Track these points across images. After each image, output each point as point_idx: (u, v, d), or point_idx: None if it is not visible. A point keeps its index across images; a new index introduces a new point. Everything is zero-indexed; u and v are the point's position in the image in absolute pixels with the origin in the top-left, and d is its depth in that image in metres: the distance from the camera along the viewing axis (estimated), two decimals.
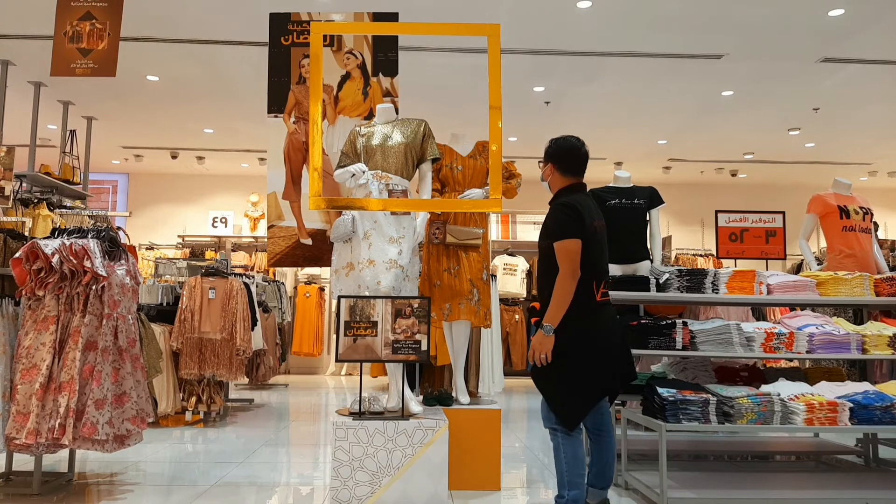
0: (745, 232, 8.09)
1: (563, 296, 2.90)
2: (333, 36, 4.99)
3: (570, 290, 2.90)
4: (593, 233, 3.00)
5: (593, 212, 3.07)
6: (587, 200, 3.08)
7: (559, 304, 2.91)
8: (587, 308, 2.96)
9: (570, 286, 2.90)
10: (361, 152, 3.98)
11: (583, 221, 2.95)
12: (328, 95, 4.89)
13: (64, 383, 3.38)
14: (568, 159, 3.15)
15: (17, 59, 6.49)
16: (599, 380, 2.98)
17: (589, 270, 2.97)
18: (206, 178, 11.78)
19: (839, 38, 6.28)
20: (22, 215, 5.57)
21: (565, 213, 2.98)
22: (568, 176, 3.15)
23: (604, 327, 3.00)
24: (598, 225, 3.07)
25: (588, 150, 3.20)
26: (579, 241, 2.92)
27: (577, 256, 2.91)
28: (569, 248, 2.92)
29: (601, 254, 3.06)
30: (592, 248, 2.99)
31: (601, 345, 2.97)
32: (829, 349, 3.92)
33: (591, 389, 2.97)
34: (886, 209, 11.98)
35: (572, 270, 2.90)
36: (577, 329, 2.93)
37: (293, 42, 5.08)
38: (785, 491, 3.62)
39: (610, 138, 9.59)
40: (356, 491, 3.40)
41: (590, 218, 3.00)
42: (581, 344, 2.92)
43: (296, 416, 6.64)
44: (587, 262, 2.95)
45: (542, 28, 6.15)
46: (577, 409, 2.95)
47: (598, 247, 3.04)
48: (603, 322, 3.01)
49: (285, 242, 5.00)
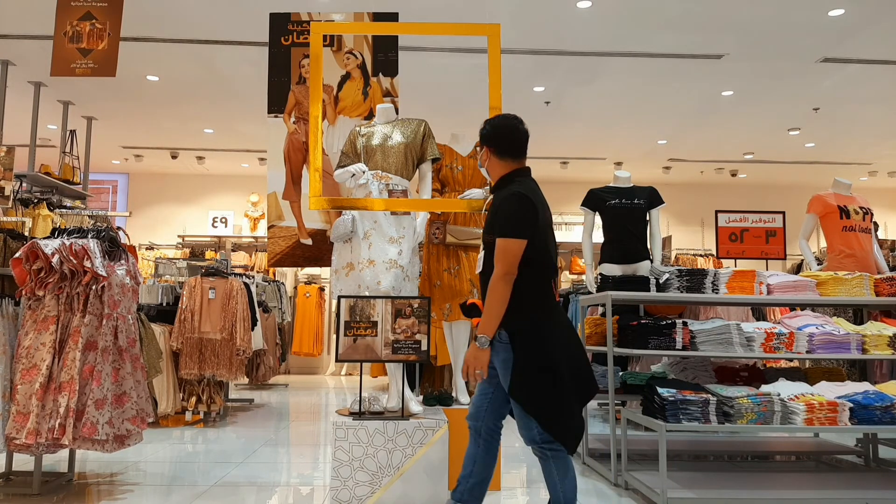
0: (745, 232, 8.09)
1: (499, 301, 2.55)
2: (333, 36, 4.99)
3: (506, 296, 2.55)
4: (546, 226, 2.69)
5: (543, 200, 2.73)
6: (537, 189, 2.75)
7: (494, 312, 2.56)
8: (552, 310, 2.68)
9: (505, 291, 2.55)
10: (361, 152, 3.98)
11: (537, 217, 2.63)
12: (328, 95, 4.89)
13: (64, 383, 3.38)
14: (505, 141, 2.80)
15: (17, 59, 6.50)
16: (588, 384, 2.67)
17: (547, 268, 2.68)
18: (206, 178, 11.78)
19: (839, 38, 6.28)
20: (22, 215, 5.57)
21: (521, 207, 2.62)
22: (507, 160, 2.79)
23: (568, 327, 2.73)
24: (549, 216, 2.75)
25: (526, 132, 2.84)
26: (525, 242, 2.57)
27: (517, 259, 2.56)
28: (512, 249, 2.56)
29: (555, 246, 2.77)
30: (550, 243, 2.70)
31: (573, 346, 2.67)
32: (829, 349, 3.92)
33: (584, 398, 2.66)
34: (886, 209, 11.99)
35: (511, 273, 2.56)
36: (549, 333, 2.62)
37: (293, 42, 5.08)
38: (785, 491, 3.62)
39: (610, 138, 9.60)
40: (356, 491, 3.40)
41: (542, 209, 2.68)
42: (560, 351, 2.60)
43: (296, 416, 6.64)
44: (543, 259, 2.65)
45: (542, 28, 6.15)
46: (578, 425, 2.61)
47: (549, 240, 2.72)
48: (565, 322, 2.73)
49: (285, 242, 5.00)
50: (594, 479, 4.10)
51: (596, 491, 3.82)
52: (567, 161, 10.57)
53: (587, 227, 5.52)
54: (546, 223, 2.68)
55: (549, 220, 2.73)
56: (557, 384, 2.55)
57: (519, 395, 2.56)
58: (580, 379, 2.63)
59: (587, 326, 4.68)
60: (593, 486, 3.94)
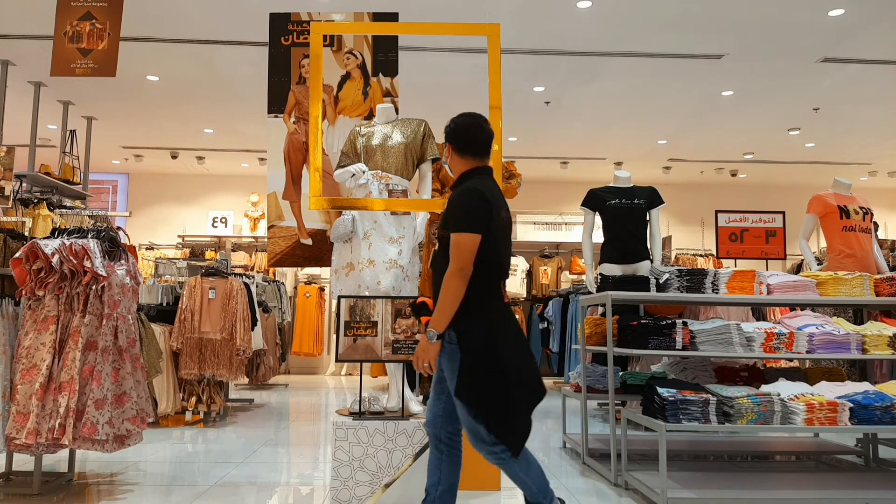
0: (745, 232, 8.10)
1: (454, 298, 2.50)
2: (333, 36, 4.99)
3: (460, 292, 2.50)
4: (501, 224, 2.63)
5: (501, 200, 2.67)
6: (495, 187, 2.70)
7: (449, 306, 2.51)
8: (500, 309, 2.62)
9: (459, 286, 2.50)
10: (361, 152, 3.98)
11: (489, 212, 2.56)
12: (328, 95, 4.89)
13: (64, 383, 3.38)
14: (466, 139, 2.73)
15: (17, 59, 6.50)
16: (536, 388, 2.60)
17: (497, 267, 2.63)
18: (206, 178, 11.78)
19: (839, 38, 6.28)
20: (22, 215, 5.57)
21: (473, 201, 2.56)
22: (468, 157, 2.72)
23: (518, 329, 2.67)
24: (506, 216, 2.69)
25: (489, 131, 2.77)
26: (479, 237, 2.52)
27: (471, 255, 2.51)
28: (467, 243, 2.50)
29: (509, 249, 2.72)
30: (503, 242, 2.64)
31: (522, 348, 2.63)
32: (829, 349, 3.92)
33: (532, 400, 2.59)
34: (886, 209, 11.99)
35: (465, 269, 2.51)
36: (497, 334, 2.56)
37: (293, 42, 5.09)
38: (785, 491, 3.62)
39: (610, 138, 9.60)
40: (356, 491, 3.40)
41: (498, 207, 2.62)
42: (508, 352, 2.55)
43: (296, 416, 6.64)
44: (494, 257, 2.59)
45: (542, 28, 6.16)
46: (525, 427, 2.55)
47: (507, 240, 2.68)
48: (514, 323, 2.66)
49: (285, 242, 5.00)
50: (594, 479, 4.10)
51: (596, 491, 3.83)
52: (567, 161, 10.58)
53: (587, 227, 5.53)
54: (502, 224, 2.64)
55: (507, 223, 2.69)
56: (506, 386, 2.50)
57: (466, 397, 2.51)
58: (528, 382, 2.57)
59: (587, 326, 4.68)
60: (593, 486, 3.94)
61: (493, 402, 2.49)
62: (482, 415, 2.50)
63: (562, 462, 4.60)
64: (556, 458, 4.74)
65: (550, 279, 10.80)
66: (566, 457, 4.77)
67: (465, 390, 2.52)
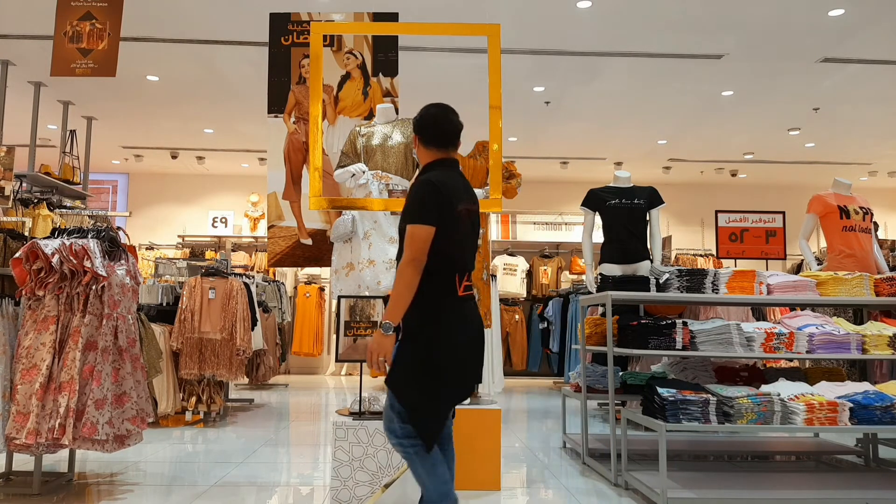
0: (745, 232, 8.10)
1: (405, 288, 2.46)
2: (333, 36, 4.99)
3: (412, 282, 2.47)
4: (458, 218, 2.57)
5: (461, 193, 2.62)
6: (456, 180, 2.65)
7: (401, 297, 2.47)
8: (450, 305, 2.58)
9: (412, 277, 2.47)
10: (361, 152, 3.98)
11: (444, 204, 2.53)
12: (328, 95, 4.89)
13: (64, 383, 3.38)
14: (431, 130, 2.69)
15: (17, 59, 6.50)
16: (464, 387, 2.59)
17: (451, 261, 2.57)
18: (206, 178, 11.78)
19: (839, 38, 6.28)
20: (22, 215, 5.57)
21: (427, 193, 2.54)
22: (432, 149, 2.69)
23: (469, 326, 2.61)
24: (466, 209, 2.63)
25: (455, 122, 2.71)
26: (432, 228, 2.49)
27: (425, 245, 2.48)
28: (418, 234, 2.48)
29: (467, 242, 2.65)
30: (455, 235, 2.58)
31: (466, 347, 2.58)
32: (829, 349, 3.92)
33: (455, 399, 2.59)
34: (886, 209, 11.99)
35: (418, 259, 2.48)
36: (441, 330, 2.54)
37: (293, 42, 5.09)
38: (785, 491, 3.62)
39: (610, 138, 9.60)
40: (356, 491, 3.40)
41: (456, 200, 2.57)
42: (445, 347, 2.52)
43: (296, 416, 6.64)
44: (448, 250, 2.55)
45: (542, 28, 6.16)
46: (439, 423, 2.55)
47: (464, 234, 2.62)
48: (468, 320, 2.62)
49: (285, 242, 5.00)
50: (594, 479, 4.10)
51: (596, 491, 3.83)
52: (567, 161, 10.58)
53: (587, 227, 5.53)
54: (462, 216, 2.59)
55: (467, 216, 2.63)
56: (436, 385, 2.50)
57: (394, 386, 2.52)
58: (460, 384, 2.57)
59: (587, 326, 4.69)
60: (593, 486, 3.94)
61: (419, 398, 2.50)
62: (407, 406, 2.51)
63: (562, 462, 4.60)
64: (556, 458, 4.74)
65: (550, 279, 10.80)
66: (566, 457, 4.77)
67: (395, 379, 2.53)
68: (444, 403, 2.56)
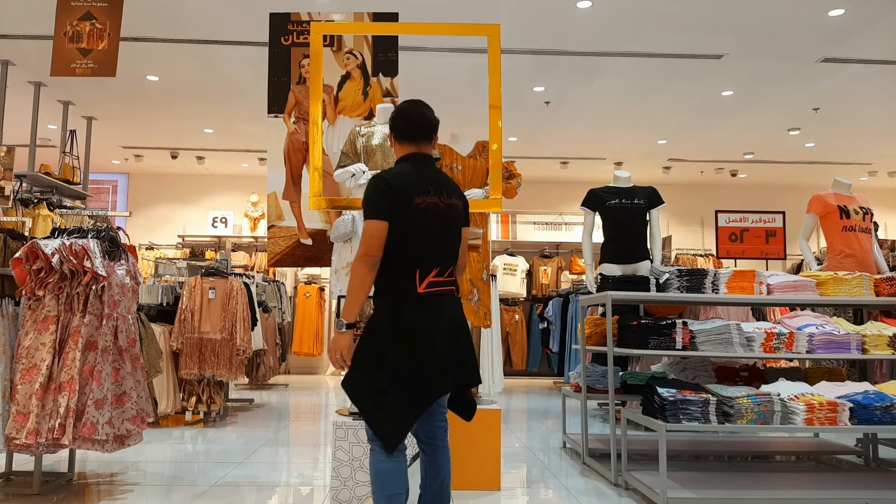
0: (745, 232, 8.11)
1: (355, 285, 2.43)
2: (333, 36, 4.99)
3: (363, 278, 2.42)
4: (415, 211, 2.48)
5: (424, 186, 2.53)
6: (421, 173, 2.57)
7: (352, 293, 2.43)
8: (407, 302, 2.47)
9: (362, 273, 2.42)
10: (361, 152, 3.98)
11: (395, 198, 2.46)
12: (328, 95, 4.89)
13: (64, 383, 3.38)
14: (400, 124, 2.64)
15: (17, 59, 6.49)
16: (424, 388, 2.43)
17: (409, 256, 2.48)
18: (206, 178, 11.78)
19: (839, 38, 6.28)
20: (22, 215, 5.57)
21: (375, 188, 2.49)
22: (403, 143, 2.64)
23: (432, 324, 2.47)
24: (426, 202, 2.51)
25: (426, 116, 2.64)
26: (382, 223, 2.45)
27: (376, 240, 2.44)
28: (368, 230, 2.45)
29: (428, 235, 2.51)
30: (414, 229, 2.48)
31: (425, 346, 2.44)
32: (829, 349, 3.92)
33: (415, 400, 2.43)
34: (886, 209, 11.99)
35: (367, 255, 2.43)
36: (395, 328, 2.46)
37: (293, 42, 5.09)
38: (785, 491, 3.62)
39: (610, 138, 9.60)
40: (356, 491, 3.40)
41: (414, 193, 2.49)
42: (400, 346, 2.43)
43: (296, 416, 6.64)
44: (404, 245, 2.47)
45: (542, 28, 6.16)
46: (397, 425, 2.42)
47: (424, 227, 2.50)
48: (430, 318, 2.47)
49: (285, 242, 5.00)
50: (594, 478, 4.10)
51: (596, 491, 3.83)
52: (567, 161, 10.58)
53: (587, 227, 5.53)
54: (425, 210, 2.50)
55: (425, 206, 2.51)
56: (384, 384, 2.42)
57: (345, 385, 2.49)
58: (414, 385, 2.42)
59: (587, 326, 4.69)
60: (593, 485, 3.94)
61: (369, 398, 2.45)
62: (356, 405, 2.48)
63: (562, 462, 4.60)
64: (556, 458, 4.74)
65: (550, 279, 10.80)
66: (566, 457, 4.77)
67: (346, 377, 2.49)
68: (398, 404, 2.41)
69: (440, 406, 2.63)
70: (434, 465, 2.61)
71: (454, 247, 2.61)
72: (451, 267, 2.57)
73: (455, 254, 2.62)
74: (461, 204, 2.66)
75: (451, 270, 2.57)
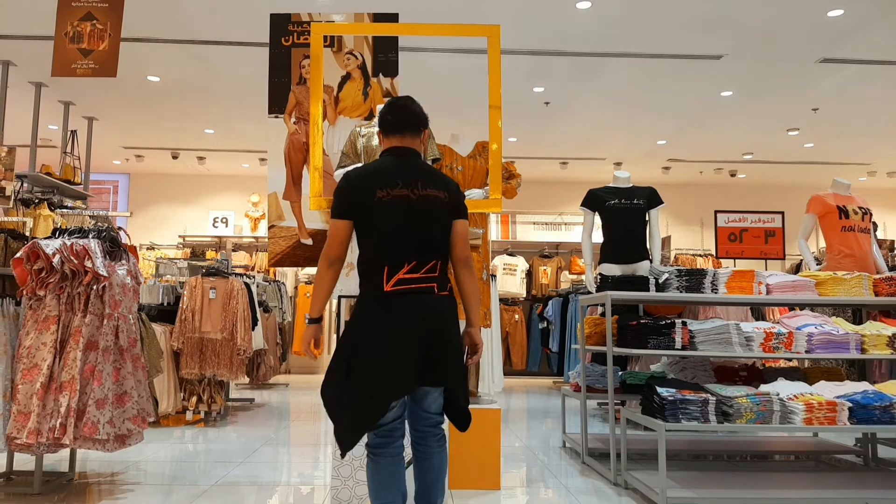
0: (745, 232, 8.12)
1: (315, 282, 2.45)
2: (334, 36, 5.00)
3: (321, 276, 2.43)
4: (377, 204, 2.41)
5: (389, 178, 2.44)
6: (393, 165, 2.49)
7: (313, 291, 2.46)
8: (372, 300, 2.40)
9: (320, 271, 2.44)
10: (362, 153, 3.99)
11: (354, 194, 2.43)
12: (328, 96, 4.90)
13: (65, 383, 3.39)
14: (383, 118, 2.60)
15: (17, 60, 6.50)
16: (378, 390, 2.33)
17: (375, 252, 2.42)
18: (207, 178, 11.79)
19: (839, 39, 6.29)
20: (23, 215, 5.58)
21: (337, 187, 2.50)
22: (387, 136, 2.60)
23: (393, 323, 2.37)
24: (390, 195, 2.42)
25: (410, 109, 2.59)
26: (341, 222, 2.44)
27: (333, 240, 2.44)
28: (330, 229, 2.46)
29: (395, 229, 2.41)
30: (376, 224, 2.42)
31: (382, 346, 2.35)
32: (829, 349, 3.93)
33: (367, 402, 2.34)
34: (886, 209, 12.00)
35: (325, 254, 2.45)
36: (356, 327, 2.41)
37: (293, 43, 5.09)
38: (784, 491, 3.62)
39: (610, 138, 9.61)
40: (356, 490, 3.41)
41: (376, 185, 2.42)
42: (359, 345, 2.38)
43: (296, 415, 6.65)
44: (370, 240, 2.44)
45: (542, 28, 6.16)
46: (352, 427, 2.38)
47: (389, 221, 2.41)
48: (393, 317, 2.37)
49: (286, 242, 5.01)
50: (594, 478, 4.11)
51: (596, 490, 3.83)
52: (567, 161, 10.59)
53: (587, 228, 5.54)
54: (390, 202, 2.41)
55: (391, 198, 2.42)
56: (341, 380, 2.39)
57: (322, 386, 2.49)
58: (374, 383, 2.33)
59: (587, 326, 4.69)
60: (593, 485, 3.95)
61: (330, 396, 2.44)
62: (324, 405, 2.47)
63: (561, 461, 4.61)
64: (556, 457, 4.75)
65: (550, 279, 10.81)
66: (566, 456, 4.77)
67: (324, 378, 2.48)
68: (354, 406, 2.35)
69: (425, 411, 2.52)
70: (419, 467, 2.56)
71: (436, 239, 2.46)
72: (432, 261, 2.43)
73: (437, 247, 2.47)
74: (444, 195, 2.49)
75: (432, 265, 2.43)
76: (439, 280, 2.46)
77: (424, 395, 2.50)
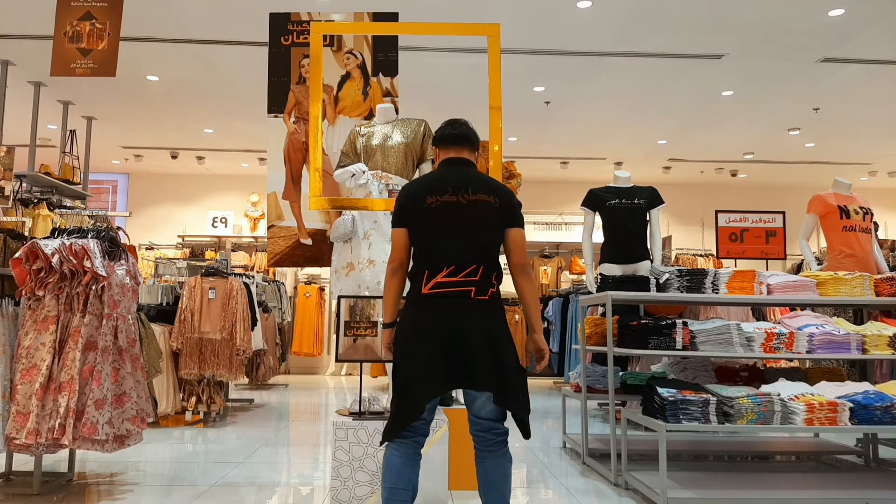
0: (745, 232, 8.11)
1: (386, 289, 2.60)
2: (333, 36, 4.99)
3: (387, 284, 2.58)
4: (426, 210, 2.51)
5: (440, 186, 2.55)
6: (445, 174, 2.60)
7: (385, 297, 2.62)
8: (414, 303, 2.52)
9: (386, 279, 2.59)
10: (361, 152, 3.98)
11: (407, 203, 2.55)
12: (328, 95, 4.89)
13: (64, 383, 3.38)
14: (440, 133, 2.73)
15: (17, 59, 6.49)
16: (412, 389, 2.42)
17: (419, 256, 2.54)
18: (206, 178, 11.78)
19: (839, 38, 6.28)
20: (22, 215, 5.57)
21: (398, 197, 2.63)
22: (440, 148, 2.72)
23: (426, 324, 2.45)
24: (439, 201, 2.52)
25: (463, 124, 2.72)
26: (400, 230, 2.55)
27: (394, 249, 2.58)
28: (392, 238, 2.60)
29: (438, 233, 2.51)
30: (422, 229, 2.53)
31: (416, 347, 2.43)
32: (829, 349, 3.92)
33: (406, 399, 2.43)
34: (886, 209, 11.99)
35: (390, 261, 2.58)
36: (400, 329, 2.54)
37: (293, 42, 5.09)
38: (785, 491, 3.62)
39: (610, 138, 9.60)
40: (356, 491, 3.40)
41: (427, 192, 2.53)
42: (401, 346, 2.50)
43: (296, 416, 6.64)
44: (417, 246, 2.55)
45: (542, 28, 6.16)
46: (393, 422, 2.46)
47: (434, 225, 2.52)
48: (427, 319, 2.45)
49: (285, 242, 5.00)
50: (594, 478, 4.10)
51: (596, 491, 3.83)
52: (567, 161, 10.58)
53: (587, 227, 5.53)
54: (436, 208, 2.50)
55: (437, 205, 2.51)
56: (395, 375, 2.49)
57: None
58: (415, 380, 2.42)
59: (587, 326, 4.69)
60: (593, 485, 3.94)
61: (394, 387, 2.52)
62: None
63: (562, 462, 4.61)
64: (557, 457, 4.74)
65: (550, 279, 10.80)
66: (566, 457, 4.77)
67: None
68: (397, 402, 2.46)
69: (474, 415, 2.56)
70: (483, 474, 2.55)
71: (481, 244, 2.51)
72: (472, 265, 2.47)
73: (482, 252, 2.50)
74: (493, 200, 2.53)
75: (472, 269, 2.47)
76: (479, 284, 2.48)
77: (472, 399, 2.56)
